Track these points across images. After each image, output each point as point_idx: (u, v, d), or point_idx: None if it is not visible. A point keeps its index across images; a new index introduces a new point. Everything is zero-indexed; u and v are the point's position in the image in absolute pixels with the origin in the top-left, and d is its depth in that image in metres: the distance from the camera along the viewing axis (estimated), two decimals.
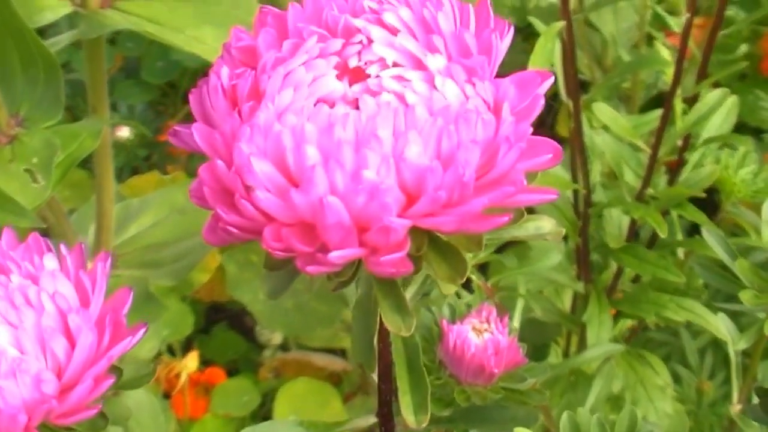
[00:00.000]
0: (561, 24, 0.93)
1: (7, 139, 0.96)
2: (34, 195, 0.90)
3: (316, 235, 0.53)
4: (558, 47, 1.01)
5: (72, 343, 0.57)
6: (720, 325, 1.13)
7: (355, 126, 0.52)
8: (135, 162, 1.85)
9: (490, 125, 0.53)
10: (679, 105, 1.06)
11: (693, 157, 1.12)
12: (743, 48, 1.47)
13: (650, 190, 1.09)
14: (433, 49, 0.55)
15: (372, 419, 0.70)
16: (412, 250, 0.54)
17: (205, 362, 1.65)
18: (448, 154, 0.52)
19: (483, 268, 1.34)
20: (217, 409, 1.53)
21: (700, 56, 1.04)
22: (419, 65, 0.55)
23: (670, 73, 1.03)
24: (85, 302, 0.58)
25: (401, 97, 0.53)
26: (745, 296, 0.81)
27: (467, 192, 0.52)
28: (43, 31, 1.25)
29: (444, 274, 0.55)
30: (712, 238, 0.87)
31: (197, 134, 0.55)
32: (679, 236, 1.21)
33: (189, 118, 1.50)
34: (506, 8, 1.69)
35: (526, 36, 1.63)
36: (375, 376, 0.71)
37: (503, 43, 0.56)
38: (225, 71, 0.56)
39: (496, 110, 0.54)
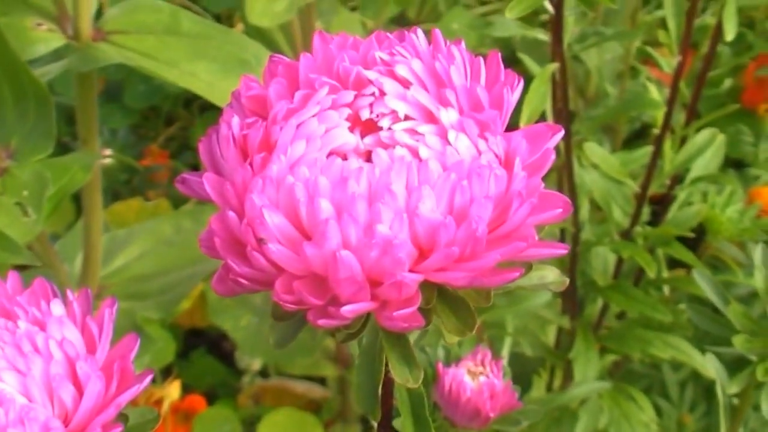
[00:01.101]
0: (554, 66, 0.94)
1: None
2: (25, 229, 0.90)
3: (328, 288, 0.53)
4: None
5: (80, 390, 0.56)
6: (705, 362, 1.14)
7: (368, 180, 0.52)
8: (115, 186, 1.84)
9: (502, 180, 0.53)
10: (667, 142, 1.07)
11: (681, 196, 1.13)
12: (728, 83, 1.48)
13: (638, 228, 1.10)
14: (445, 103, 0.55)
15: None
16: (422, 304, 0.54)
17: (183, 387, 1.64)
18: (461, 209, 0.52)
19: None
20: None
21: (687, 92, 1.05)
22: (431, 119, 0.55)
23: (659, 113, 1.04)
24: (91, 348, 0.58)
25: (414, 151, 0.54)
26: (738, 341, 0.82)
27: (480, 247, 0.53)
28: (29, 62, 1.24)
29: (453, 327, 0.55)
30: (703, 281, 0.88)
31: (208, 184, 0.55)
32: (665, 272, 1.21)
33: (170, 143, 1.50)
34: (490, 38, 1.70)
35: (509, 63, 1.64)
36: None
37: (513, 96, 0.57)
38: (236, 121, 0.56)
39: (508, 164, 0.55)
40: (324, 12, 1.55)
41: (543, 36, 1.03)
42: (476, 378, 0.79)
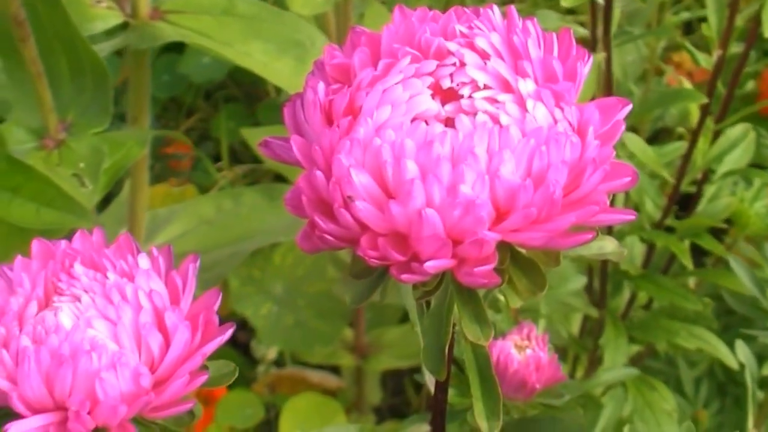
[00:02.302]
0: (602, 55, 0.97)
1: (55, 144, 0.99)
2: (84, 198, 0.93)
3: (408, 245, 0.56)
4: None
5: (167, 339, 0.59)
6: (729, 353, 1.16)
7: (451, 143, 0.55)
8: None
9: (577, 147, 0.56)
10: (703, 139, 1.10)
11: (710, 190, 1.16)
12: (750, 85, 1.51)
13: (668, 220, 1.13)
14: (522, 74, 0.58)
15: (425, 427, 0.73)
16: (495, 264, 0.57)
17: None
18: (539, 173, 0.55)
19: None
20: (221, 422, 1.55)
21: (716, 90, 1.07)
22: (509, 89, 0.58)
23: (695, 108, 1.07)
24: (175, 301, 0.61)
25: (494, 118, 0.56)
26: None
27: (555, 210, 0.55)
28: None
29: (524, 288, 0.58)
30: (739, 269, 0.91)
31: (295, 146, 0.58)
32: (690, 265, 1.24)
33: (190, 134, 1.51)
34: None
35: None
36: (431, 385, 0.74)
37: (585, 70, 0.60)
38: (321, 87, 0.58)
39: (581, 133, 0.57)
40: (356, 5, 1.57)
41: (582, 30, 1.05)
42: (522, 351, 0.82)
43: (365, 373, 1.66)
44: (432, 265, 0.55)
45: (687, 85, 1.11)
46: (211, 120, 1.89)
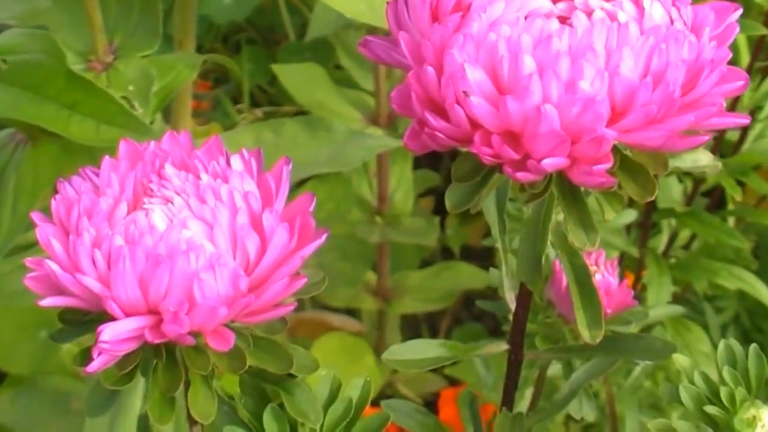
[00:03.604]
0: None
1: (102, 67, 0.97)
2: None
3: (520, 144, 0.54)
4: None
5: (263, 241, 0.57)
6: None
7: (569, 40, 0.53)
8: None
9: (694, 47, 0.55)
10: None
11: (756, 129, 1.14)
12: None
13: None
14: None
15: (503, 346, 0.71)
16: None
17: None
18: (657, 72, 0.54)
19: None
20: None
21: None
22: None
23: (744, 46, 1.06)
24: (268, 204, 0.59)
25: (611, 16, 0.55)
26: None
27: (672, 110, 0.54)
28: None
29: (634, 192, 0.57)
30: None
31: (404, 43, 0.56)
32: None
33: (208, 76, 1.47)
34: None
35: None
36: (512, 303, 0.73)
37: None
38: None
39: (696, 34, 0.56)
40: None
41: None
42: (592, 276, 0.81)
43: (386, 317, 1.65)
44: (549, 163, 0.53)
45: None
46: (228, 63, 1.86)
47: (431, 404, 1.57)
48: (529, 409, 0.88)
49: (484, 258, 1.75)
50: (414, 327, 1.78)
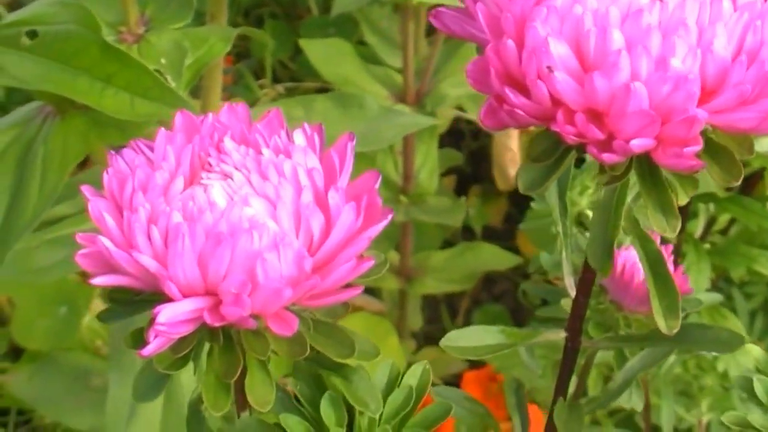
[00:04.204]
0: None
1: (134, 38, 0.94)
2: None
3: (604, 124, 0.52)
4: None
5: (328, 220, 0.55)
6: None
7: (660, 14, 0.51)
8: None
9: None
10: None
11: None
12: None
13: None
14: None
15: (561, 333, 0.69)
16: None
17: None
18: (752, 50, 0.51)
19: None
20: None
21: None
22: None
23: None
24: (331, 181, 0.56)
25: None
26: None
27: (767, 90, 0.51)
28: None
29: (718, 176, 0.54)
30: None
31: (481, 14, 0.53)
32: None
33: (229, 50, 1.44)
34: None
35: None
36: (571, 288, 0.70)
37: None
38: None
39: None
40: None
41: None
42: None
43: (408, 297, 1.62)
44: (638, 144, 0.50)
45: None
46: (250, 38, 1.83)
47: (452, 386, 1.55)
48: (573, 398, 0.85)
49: (506, 238, 1.73)
50: (433, 307, 1.76)
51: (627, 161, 0.54)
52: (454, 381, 1.56)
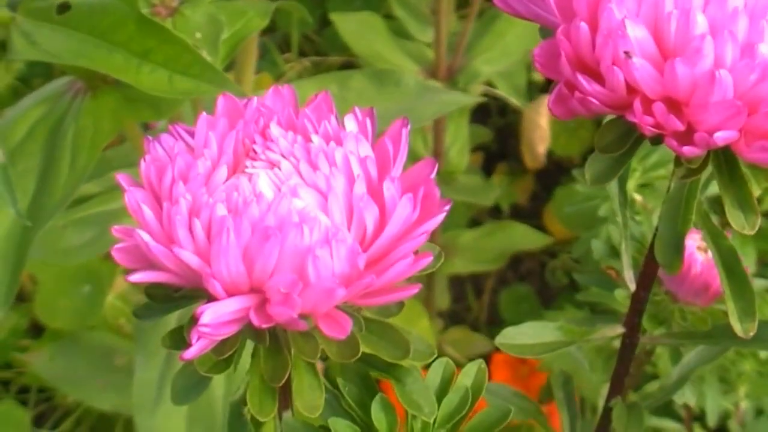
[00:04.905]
0: None
1: (168, 12, 0.90)
2: None
3: (683, 114, 0.48)
4: None
5: (382, 213, 0.51)
6: None
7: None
8: None
9: None
10: None
11: None
12: None
13: None
14: None
15: (619, 329, 0.65)
16: None
17: None
18: None
19: None
20: None
21: None
22: None
23: None
24: (384, 170, 0.52)
25: None
26: None
27: None
28: None
29: None
30: None
31: None
32: None
33: None
34: None
35: None
36: (630, 282, 0.66)
37: None
38: None
39: None
40: None
41: None
42: (705, 253, 0.74)
43: (436, 276, 1.59)
44: (722, 137, 0.47)
45: None
46: (275, 12, 1.79)
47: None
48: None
49: (533, 217, 1.69)
50: (458, 287, 1.73)
51: (705, 154, 0.50)
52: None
